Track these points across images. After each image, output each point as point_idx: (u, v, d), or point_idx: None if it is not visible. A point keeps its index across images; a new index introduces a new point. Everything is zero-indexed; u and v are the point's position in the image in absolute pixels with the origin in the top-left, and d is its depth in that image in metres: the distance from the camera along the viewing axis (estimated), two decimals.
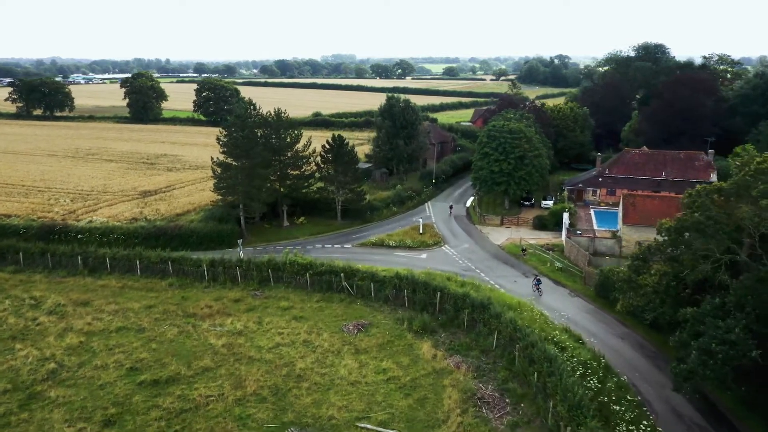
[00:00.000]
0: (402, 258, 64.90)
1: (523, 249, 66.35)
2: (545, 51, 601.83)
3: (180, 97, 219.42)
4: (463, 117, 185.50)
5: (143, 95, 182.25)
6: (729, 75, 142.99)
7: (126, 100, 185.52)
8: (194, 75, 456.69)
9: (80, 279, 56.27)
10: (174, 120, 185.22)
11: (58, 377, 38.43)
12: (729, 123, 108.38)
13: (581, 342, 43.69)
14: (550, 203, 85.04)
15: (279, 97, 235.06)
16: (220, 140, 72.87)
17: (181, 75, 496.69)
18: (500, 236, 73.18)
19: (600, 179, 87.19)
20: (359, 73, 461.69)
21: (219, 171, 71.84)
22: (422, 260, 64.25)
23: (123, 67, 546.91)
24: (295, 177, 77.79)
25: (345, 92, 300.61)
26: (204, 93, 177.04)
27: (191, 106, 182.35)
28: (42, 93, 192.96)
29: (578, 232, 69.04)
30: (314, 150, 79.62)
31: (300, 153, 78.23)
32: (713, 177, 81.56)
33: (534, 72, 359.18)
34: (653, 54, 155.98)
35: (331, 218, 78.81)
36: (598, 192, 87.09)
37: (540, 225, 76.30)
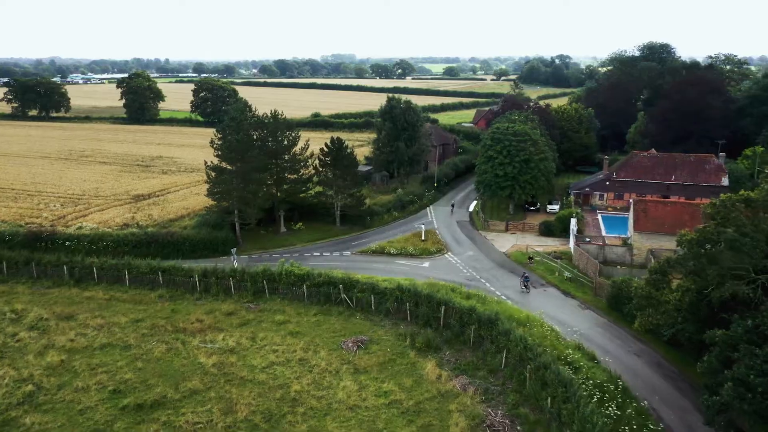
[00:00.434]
0: (404, 267, 62.24)
1: (530, 257, 63.57)
2: (546, 51, 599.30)
3: (178, 98, 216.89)
4: (465, 118, 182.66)
5: (140, 96, 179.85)
6: (735, 75, 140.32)
7: (123, 101, 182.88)
8: (193, 75, 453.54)
9: (65, 290, 53.63)
10: (171, 121, 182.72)
11: (35, 401, 35.86)
12: (738, 124, 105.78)
13: (596, 361, 40.96)
14: (556, 208, 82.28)
15: (278, 98, 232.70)
16: (214, 143, 70.08)
17: (180, 75, 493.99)
18: (505, 243, 70.46)
19: (607, 183, 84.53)
20: (359, 73, 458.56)
21: (213, 175, 68.99)
22: (425, 269, 61.56)
23: (122, 67, 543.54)
24: (293, 181, 75.12)
25: (344, 92, 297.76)
26: (201, 93, 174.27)
27: (189, 107, 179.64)
28: (37, 93, 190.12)
29: (587, 239, 66.35)
30: (312, 153, 76.86)
31: (298, 156, 75.48)
32: (725, 181, 79.06)
33: (535, 72, 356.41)
34: (658, 54, 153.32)
35: (330, 224, 76.16)
36: (606, 196, 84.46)
37: (546, 231, 73.46)
